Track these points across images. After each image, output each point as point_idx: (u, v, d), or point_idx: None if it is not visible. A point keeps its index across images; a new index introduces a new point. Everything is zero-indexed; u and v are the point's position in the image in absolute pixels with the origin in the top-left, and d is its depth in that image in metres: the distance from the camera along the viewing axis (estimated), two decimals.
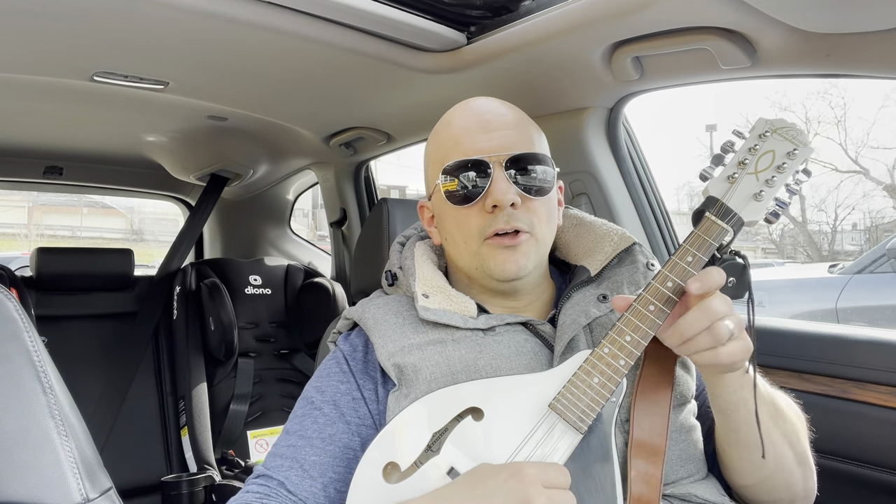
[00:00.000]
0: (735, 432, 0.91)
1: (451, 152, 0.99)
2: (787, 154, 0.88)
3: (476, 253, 0.99)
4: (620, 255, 1.06)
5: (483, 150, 0.97)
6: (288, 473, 0.92)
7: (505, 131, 0.98)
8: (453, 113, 1.05)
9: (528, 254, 0.98)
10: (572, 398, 0.85)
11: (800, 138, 0.88)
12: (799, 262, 14.32)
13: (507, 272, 0.97)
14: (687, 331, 0.82)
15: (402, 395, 0.94)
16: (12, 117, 2.21)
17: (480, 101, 1.05)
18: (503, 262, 0.97)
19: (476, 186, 0.96)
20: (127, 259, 2.70)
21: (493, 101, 1.05)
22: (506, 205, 0.94)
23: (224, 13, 1.31)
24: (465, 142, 0.98)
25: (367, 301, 1.08)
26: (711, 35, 1.22)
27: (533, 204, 0.97)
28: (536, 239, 0.98)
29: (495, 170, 0.96)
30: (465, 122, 1.01)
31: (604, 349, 0.87)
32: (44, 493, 0.64)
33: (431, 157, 1.05)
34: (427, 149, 1.08)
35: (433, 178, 1.03)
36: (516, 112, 1.04)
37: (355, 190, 2.65)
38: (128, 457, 2.38)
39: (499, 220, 0.96)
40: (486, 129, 0.98)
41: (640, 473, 0.86)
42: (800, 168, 0.89)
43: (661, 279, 0.87)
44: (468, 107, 1.04)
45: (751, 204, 0.88)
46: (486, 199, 0.96)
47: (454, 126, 1.02)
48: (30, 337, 0.69)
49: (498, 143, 0.97)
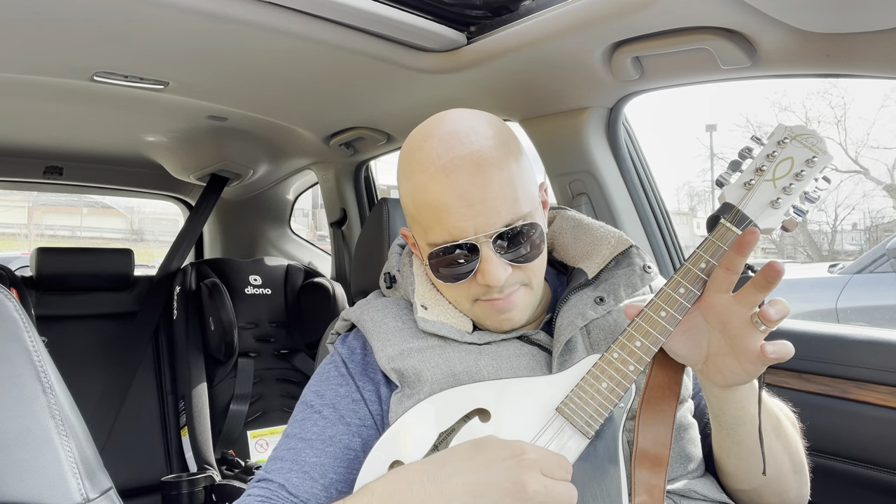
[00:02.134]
0: (738, 445, 0.90)
1: (432, 226, 0.91)
2: (805, 161, 0.86)
3: (469, 311, 0.98)
4: (618, 258, 1.06)
5: (468, 231, 0.88)
6: (288, 475, 0.92)
7: (489, 202, 0.88)
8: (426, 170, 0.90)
9: (525, 306, 0.97)
10: (580, 402, 0.84)
11: (819, 146, 0.86)
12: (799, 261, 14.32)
13: (503, 327, 0.97)
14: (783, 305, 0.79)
15: (404, 397, 0.94)
16: (12, 117, 2.21)
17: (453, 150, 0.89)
18: (499, 323, 0.97)
19: (466, 264, 0.92)
20: (127, 259, 2.70)
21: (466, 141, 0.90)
22: (498, 284, 0.91)
23: (224, 13, 1.31)
24: (447, 220, 0.89)
25: (365, 303, 1.08)
26: (711, 35, 1.22)
27: (525, 266, 0.94)
28: (531, 287, 0.97)
29: (483, 249, 0.89)
30: (443, 192, 0.88)
31: (613, 354, 0.85)
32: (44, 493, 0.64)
33: (408, 208, 0.96)
34: (401, 191, 0.98)
35: (414, 230, 0.98)
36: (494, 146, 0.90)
37: (355, 190, 2.65)
38: (128, 457, 2.38)
39: (492, 291, 0.93)
40: (469, 203, 0.88)
41: (644, 483, 0.85)
42: (819, 176, 0.87)
43: (673, 285, 0.85)
44: (441, 164, 0.89)
45: (767, 211, 0.86)
46: (477, 277, 0.92)
47: (431, 193, 0.89)
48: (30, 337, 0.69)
49: (483, 219, 0.88)
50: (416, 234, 0.98)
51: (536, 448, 0.79)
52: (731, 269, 0.82)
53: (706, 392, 0.90)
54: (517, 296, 0.95)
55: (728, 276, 0.82)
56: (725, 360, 0.82)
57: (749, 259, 0.90)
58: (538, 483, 0.75)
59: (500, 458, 0.77)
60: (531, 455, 0.77)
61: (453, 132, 0.92)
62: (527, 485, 0.74)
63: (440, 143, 0.91)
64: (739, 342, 0.80)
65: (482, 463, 0.77)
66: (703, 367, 0.85)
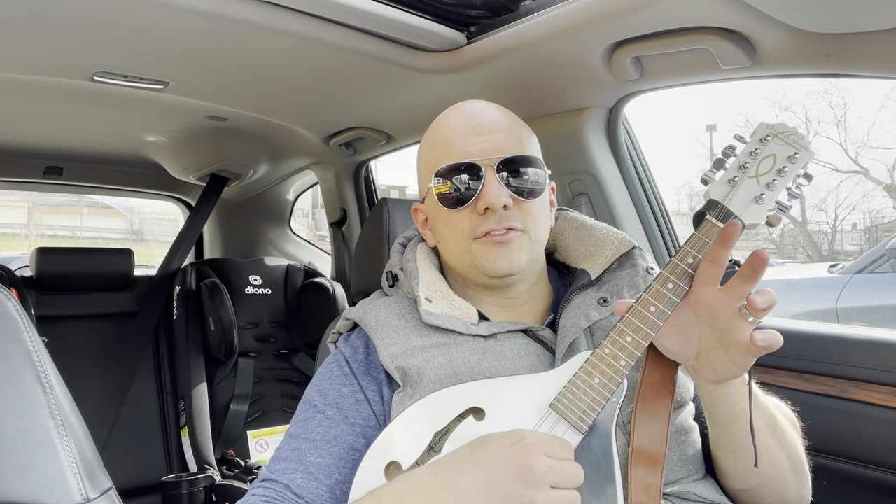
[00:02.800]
0: (733, 443, 0.91)
1: (443, 156, 0.99)
2: (788, 158, 0.88)
3: (467, 250, 0.99)
4: (620, 259, 1.06)
5: (475, 153, 0.97)
6: (293, 476, 0.92)
7: (497, 134, 0.99)
8: (446, 116, 1.06)
9: (521, 249, 0.98)
10: (573, 398, 0.85)
11: (801, 142, 0.88)
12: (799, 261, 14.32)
13: (500, 268, 0.97)
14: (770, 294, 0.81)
15: (406, 396, 0.94)
16: (12, 117, 2.21)
17: (473, 104, 1.06)
18: (494, 259, 0.97)
19: (468, 189, 0.97)
20: (127, 259, 2.70)
21: (486, 104, 1.06)
22: (497, 207, 0.95)
23: (224, 13, 1.31)
24: (457, 145, 0.99)
25: (368, 302, 1.08)
26: (711, 35, 1.22)
27: (525, 205, 0.98)
28: (529, 237, 0.99)
29: (487, 172, 0.96)
30: (457, 125, 1.02)
31: (604, 350, 0.87)
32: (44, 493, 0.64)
33: (424, 159, 1.05)
34: (420, 152, 1.08)
35: (426, 180, 1.03)
36: (508, 115, 1.05)
37: (355, 190, 2.65)
38: (128, 457, 2.38)
39: (490, 220, 0.96)
40: (478, 132, 0.99)
41: (640, 482, 0.85)
42: (801, 172, 0.89)
43: (661, 280, 0.87)
44: (460, 110, 1.05)
45: (751, 207, 0.88)
46: (477, 201, 0.96)
47: (446, 129, 1.02)
48: (30, 337, 0.69)
49: (490, 145, 0.98)
50: (425, 180, 1.03)
51: (536, 433, 0.80)
52: (716, 262, 0.83)
53: (700, 391, 0.90)
54: (514, 235, 0.97)
55: (714, 269, 0.83)
56: (716, 355, 0.83)
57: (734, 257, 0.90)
58: (544, 464, 0.76)
59: (502, 448, 0.78)
60: (532, 439, 0.78)
61: (475, 104, 1.06)
62: (533, 467, 0.75)
63: (462, 106, 1.06)
64: (729, 334, 0.81)
65: (487, 457, 0.78)
66: (695, 364, 0.86)
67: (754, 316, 0.80)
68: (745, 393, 0.87)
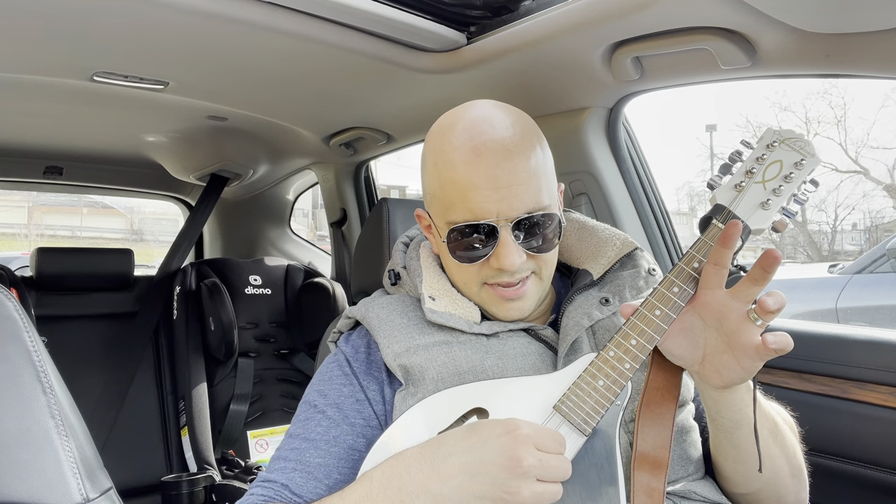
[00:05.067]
0: (736, 448, 0.91)
1: (455, 202, 0.93)
2: (794, 164, 0.88)
3: (476, 294, 0.99)
4: (622, 260, 1.06)
5: (491, 213, 0.91)
6: (292, 475, 0.92)
7: (514, 187, 0.91)
8: (456, 148, 0.93)
9: (532, 296, 0.98)
10: (577, 400, 0.85)
11: (807, 149, 0.88)
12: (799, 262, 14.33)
13: (510, 317, 0.98)
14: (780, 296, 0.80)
15: (408, 395, 0.94)
16: (12, 117, 2.21)
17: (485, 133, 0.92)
18: (506, 310, 0.97)
19: (482, 246, 0.93)
20: (127, 259, 2.70)
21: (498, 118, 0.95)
22: (513, 269, 0.93)
23: (224, 13, 1.31)
24: (472, 199, 0.91)
25: (370, 300, 1.08)
26: (711, 35, 1.22)
27: (539, 256, 0.96)
28: (541, 278, 0.98)
29: (502, 232, 0.91)
30: (471, 171, 0.91)
31: (609, 352, 0.86)
32: (44, 493, 0.64)
33: (431, 186, 0.98)
34: (425, 165, 1.00)
35: (433, 209, 0.99)
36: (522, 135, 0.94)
37: (355, 190, 2.65)
38: (128, 457, 2.38)
39: (503, 276, 0.95)
40: (496, 186, 0.90)
41: (643, 486, 0.85)
42: (807, 178, 0.89)
43: (667, 284, 0.87)
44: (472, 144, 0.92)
45: (758, 212, 0.88)
46: (491, 260, 0.94)
47: (459, 172, 0.92)
48: (30, 337, 0.69)
49: (507, 203, 0.91)
50: (435, 213, 0.99)
51: (530, 423, 0.79)
52: (719, 264, 0.83)
53: (703, 396, 0.90)
54: (527, 285, 0.96)
55: (718, 271, 0.83)
56: (723, 359, 0.82)
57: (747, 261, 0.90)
58: (533, 457, 0.75)
59: (494, 436, 0.77)
60: (525, 430, 0.77)
61: (485, 117, 0.95)
62: (522, 459, 0.75)
63: (472, 124, 0.94)
64: (736, 338, 0.81)
65: (477, 442, 0.78)
66: (700, 368, 0.86)
67: (763, 319, 0.79)
68: (749, 399, 0.87)
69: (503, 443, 0.76)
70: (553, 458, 0.77)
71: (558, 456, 0.78)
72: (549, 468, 0.76)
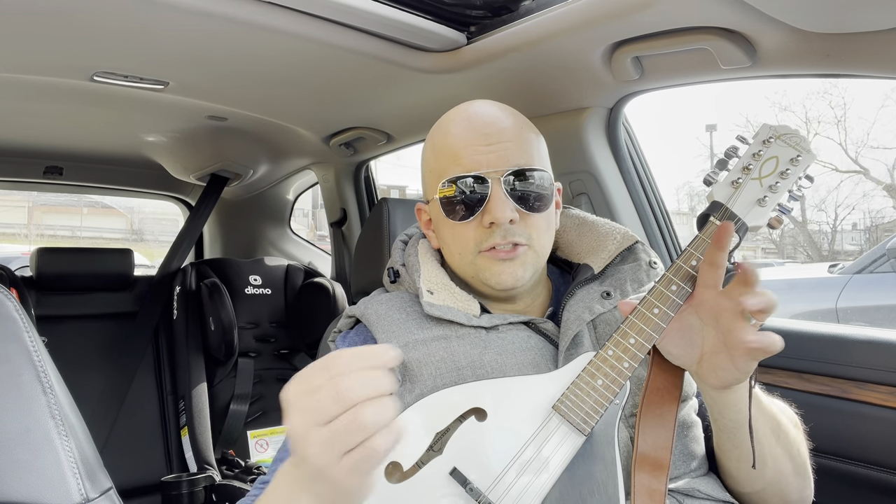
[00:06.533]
0: (737, 448, 0.91)
1: (448, 165, 0.98)
2: (790, 160, 0.88)
3: (472, 263, 0.99)
4: (623, 254, 1.06)
5: (481, 165, 0.95)
6: None
7: (504, 143, 0.96)
8: (452, 120, 1.02)
9: (526, 264, 0.98)
10: (576, 399, 0.85)
11: (803, 145, 0.88)
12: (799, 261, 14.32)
13: (504, 283, 0.98)
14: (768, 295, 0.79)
15: (406, 392, 0.94)
16: (12, 117, 2.21)
17: (479, 106, 1.03)
18: (499, 274, 0.97)
19: (474, 202, 0.95)
20: (127, 259, 2.71)
21: (492, 106, 1.03)
22: (503, 222, 0.94)
23: (224, 13, 1.31)
24: (463, 154, 0.96)
25: (370, 298, 1.08)
26: (711, 35, 1.22)
27: (531, 218, 0.97)
28: (534, 250, 0.98)
29: (493, 185, 0.94)
30: (463, 132, 0.99)
31: (608, 351, 0.86)
32: (44, 493, 0.64)
33: (429, 164, 1.04)
34: (424, 154, 1.06)
35: (430, 186, 1.02)
36: (515, 118, 1.02)
37: (355, 190, 2.65)
38: (128, 457, 2.38)
39: (496, 235, 0.95)
40: (485, 141, 0.96)
41: (644, 487, 0.85)
42: (802, 174, 0.89)
43: (665, 283, 0.86)
44: (465, 113, 1.02)
45: (755, 209, 0.88)
46: (483, 215, 0.95)
47: (452, 136, 0.99)
48: (30, 337, 0.69)
49: (496, 156, 0.95)
50: (431, 188, 1.01)
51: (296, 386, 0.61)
52: (714, 264, 0.83)
53: (704, 396, 0.90)
54: (520, 251, 0.97)
55: (713, 270, 0.83)
56: (719, 359, 0.82)
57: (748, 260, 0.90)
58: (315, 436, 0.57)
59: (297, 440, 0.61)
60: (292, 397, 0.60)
61: (482, 109, 1.02)
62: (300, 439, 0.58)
63: (469, 114, 1.02)
64: (731, 336, 0.81)
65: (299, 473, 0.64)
66: (698, 368, 0.86)
67: (756, 318, 0.79)
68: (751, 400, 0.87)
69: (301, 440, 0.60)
70: (344, 418, 0.57)
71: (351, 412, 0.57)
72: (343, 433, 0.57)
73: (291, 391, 0.60)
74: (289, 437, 0.60)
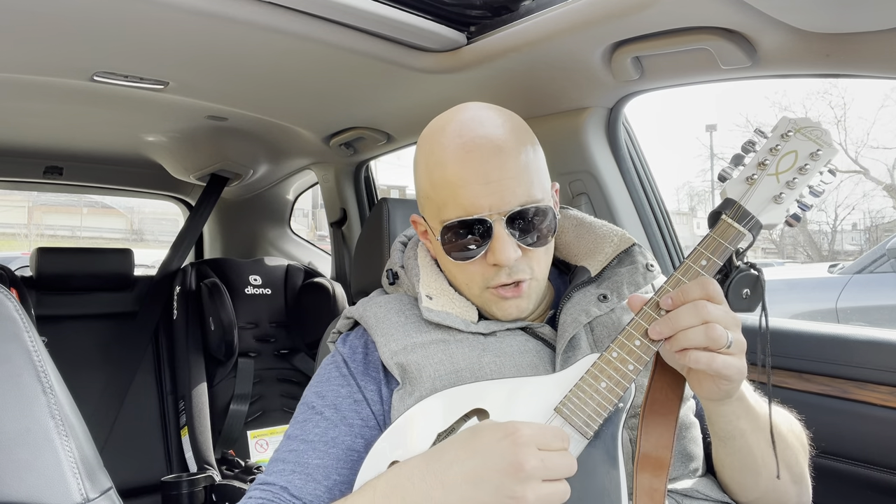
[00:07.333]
0: (731, 457, 0.91)
1: (448, 201, 0.93)
2: (810, 155, 0.84)
3: (478, 297, 0.99)
4: (620, 256, 1.06)
5: (483, 208, 0.91)
6: (291, 478, 0.92)
7: (505, 181, 0.91)
8: (445, 148, 0.94)
9: (530, 296, 0.98)
10: (579, 402, 0.84)
11: (824, 138, 0.85)
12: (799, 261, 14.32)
13: (510, 315, 0.98)
14: (677, 321, 0.80)
15: (406, 394, 0.94)
16: (12, 117, 2.21)
17: (473, 124, 0.94)
18: (505, 308, 0.97)
19: (477, 244, 0.93)
20: (127, 259, 2.71)
21: (488, 119, 0.95)
22: (508, 264, 0.93)
23: (224, 13, 1.31)
24: (463, 196, 0.91)
25: (368, 300, 1.08)
26: (711, 35, 1.22)
27: (534, 253, 0.96)
28: (537, 280, 0.98)
29: (496, 227, 0.91)
30: (461, 170, 0.92)
31: (612, 353, 0.85)
32: (44, 493, 0.64)
33: (424, 190, 0.98)
34: (418, 171, 1.00)
35: (427, 210, 1.00)
36: (513, 133, 0.95)
37: (355, 190, 2.65)
38: (128, 457, 2.38)
39: (501, 275, 0.94)
40: (486, 180, 0.91)
41: (645, 487, 0.84)
42: (823, 170, 0.86)
43: (672, 283, 0.85)
44: (461, 141, 0.93)
45: (770, 207, 0.85)
46: (487, 256, 0.94)
47: (451, 172, 0.92)
48: (30, 337, 0.69)
49: (499, 197, 0.91)
50: (429, 215, 0.99)
51: (530, 424, 0.77)
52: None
53: (702, 404, 0.90)
54: (524, 287, 0.96)
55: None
56: (698, 374, 0.83)
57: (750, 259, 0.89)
58: (535, 458, 0.74)
59: (494, 441, 0.76)
60: (525, 432, 0.75)
61: (474, 117, 0.96)
62: (523, 463, 0.73)
63: (461, 125, 0.95)
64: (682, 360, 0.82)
65: (478, 448, 0.76)
66: (688, 377, 0.86)
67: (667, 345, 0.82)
68: (743, 413, 0.87)
69: (504, 447, 0.75)
70: (556, 455, 0.75)
71: (561, 453, 0.76)
72: (552, 467, 0.74)
73: None
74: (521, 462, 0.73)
